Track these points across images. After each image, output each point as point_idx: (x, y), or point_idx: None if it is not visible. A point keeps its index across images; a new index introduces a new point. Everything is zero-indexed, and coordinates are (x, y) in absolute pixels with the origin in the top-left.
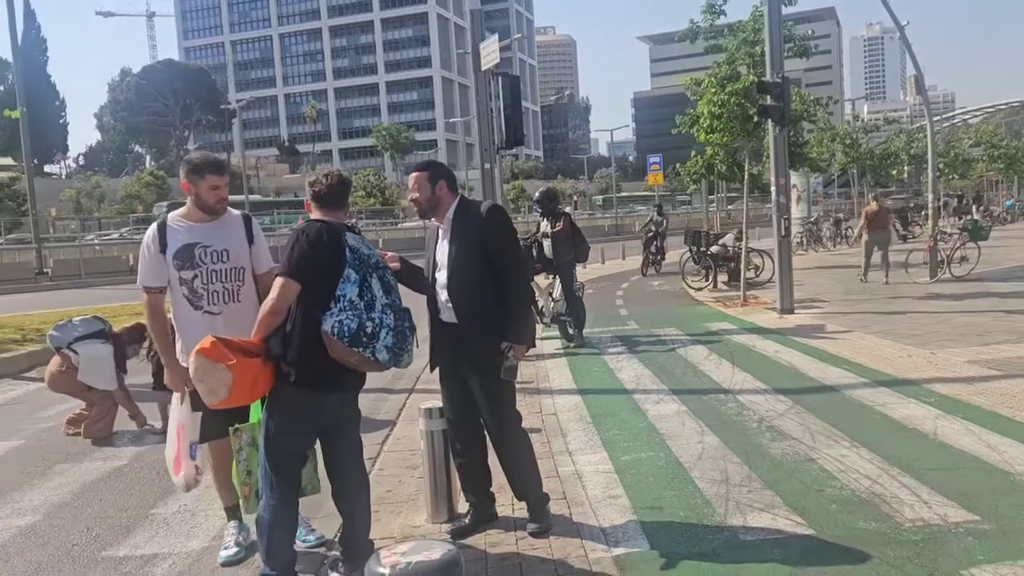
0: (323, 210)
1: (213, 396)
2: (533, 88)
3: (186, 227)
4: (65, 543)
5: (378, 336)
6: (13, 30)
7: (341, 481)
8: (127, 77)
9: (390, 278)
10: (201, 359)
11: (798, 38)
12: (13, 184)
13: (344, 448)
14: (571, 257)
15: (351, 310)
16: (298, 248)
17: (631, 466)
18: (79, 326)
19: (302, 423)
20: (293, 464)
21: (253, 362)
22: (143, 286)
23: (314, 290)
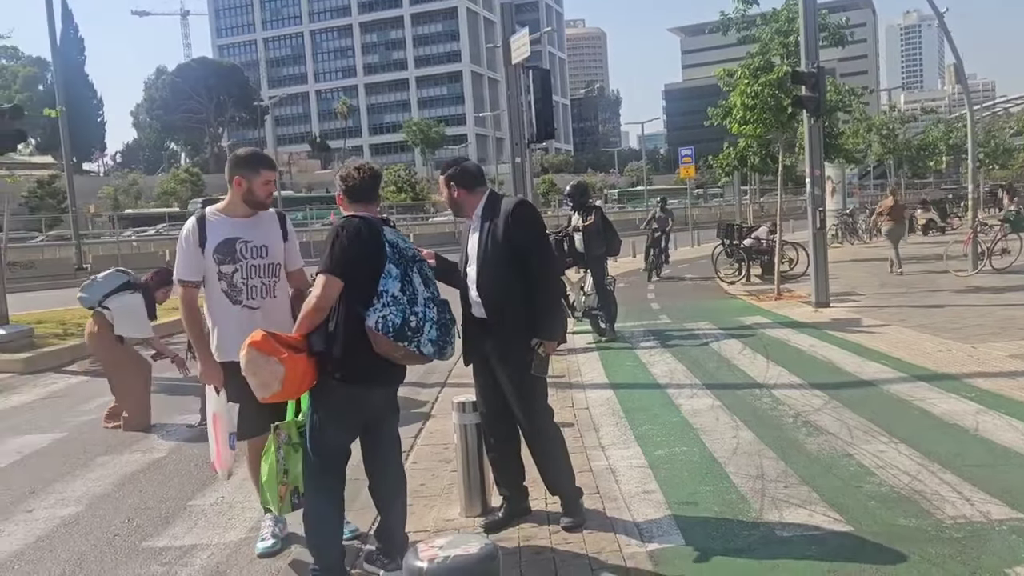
0: (356, 204)
1: (266, 390)
2: (563, 82)
3: (226, 222)
4: (107, 533)
5: (422, 330)
6: (52, 30)
7: (381, 475)
8: (162, 75)
9: (428, 271)
10: (254, 352)
11: (833, 27)
12: (53, 182)
13: (385, 442)
14: (602, 251)
15: (394, 305)
16: (339, 244)
17: (665, 461)
18: (103, 283)
19: (347, 418)
20: (338, 459)
21: (301, 357)
22: (180, 280)
23: (357, 286)
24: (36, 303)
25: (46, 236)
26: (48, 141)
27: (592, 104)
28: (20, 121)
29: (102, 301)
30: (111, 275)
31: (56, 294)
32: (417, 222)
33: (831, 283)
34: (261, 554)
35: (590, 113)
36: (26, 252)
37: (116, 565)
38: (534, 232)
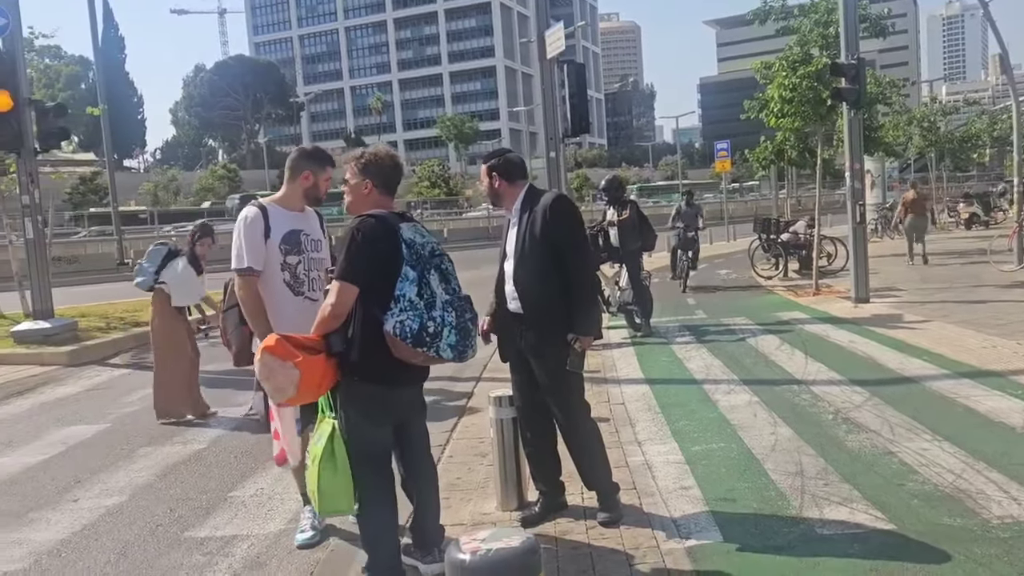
0: (380, 197)
1: (281, 394)
2: (597, 76)
3: (286, 214)
4: (150, 523)
5: (440, 335)
6: (94, 30)
7: (413, 471)
8: (200, 73)
9: (447, 265)
10: (268, 357)
11: (873, 18)
12: (95, 178)
13: (415, 439)
14: (638, 246)
15: (412, 310)
16: (354, 249)
17: (702, 457)
18: (148, 263)
19: (376, 414)
20: (381, 454)
21: (318, 359)
22: (246, 267)
23: (373, 290)
24: (80, 297)
25: (88, 232)
26: (90, 138)
27: (626, 98)
28: (64, 119)
29: (156, 279)
30: (153, 251)
31: (99, 288)
32: (451, 217)
33: (871, 278)
34: (300, 546)
35: (624, 107)
36: (70, 247)
37: (159, 554)
38: (571, 227)
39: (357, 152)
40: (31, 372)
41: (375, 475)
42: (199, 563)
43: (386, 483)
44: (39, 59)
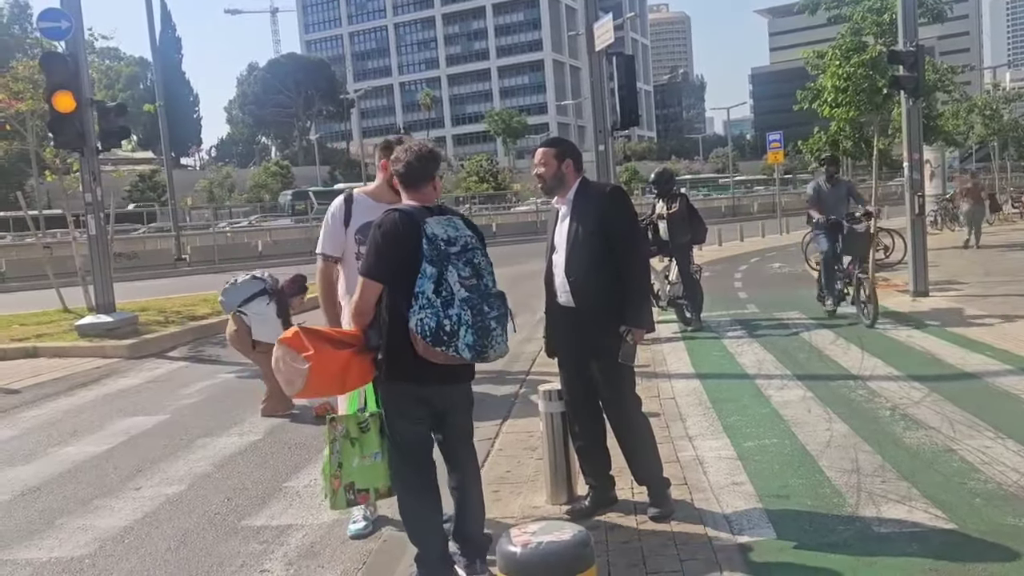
0: (408, 191)
1: (290, 387)
2: (646, 67)
3: (370, 205)
4: (208, 512)
5: (457, 334)
6: (152, 31)
7: (452, 469)
8: (253, 71)
9: (480, 260)
10: (281, 349)
11: (931, 2)
12: (153, 176)
13: (452, 436)
14: (688, 239)
15: (429, 307)
16: (374, 246)
17: (754, 452)
18: (240, 289)
19: (410, 410)
20: (418, 449)
21: (340, 354)
22: (321, 253)
23: (398, 286)
24: (139, 292)
25: (147, 228)
26: (148, 137)
27: (676, 90)
28: (124, 118)
29: (240, 306)
30: (248, 282)
31: (157, 283)
32: (499, 212)
33: (930, 271)
34: (353, 536)
35: (674, 99)
36: (130, 243)
37: (217, 542)
38: (628, 218)
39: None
40: (94, 364)
41: (413, 470)
42: (256, 551)
43: (425, 478)
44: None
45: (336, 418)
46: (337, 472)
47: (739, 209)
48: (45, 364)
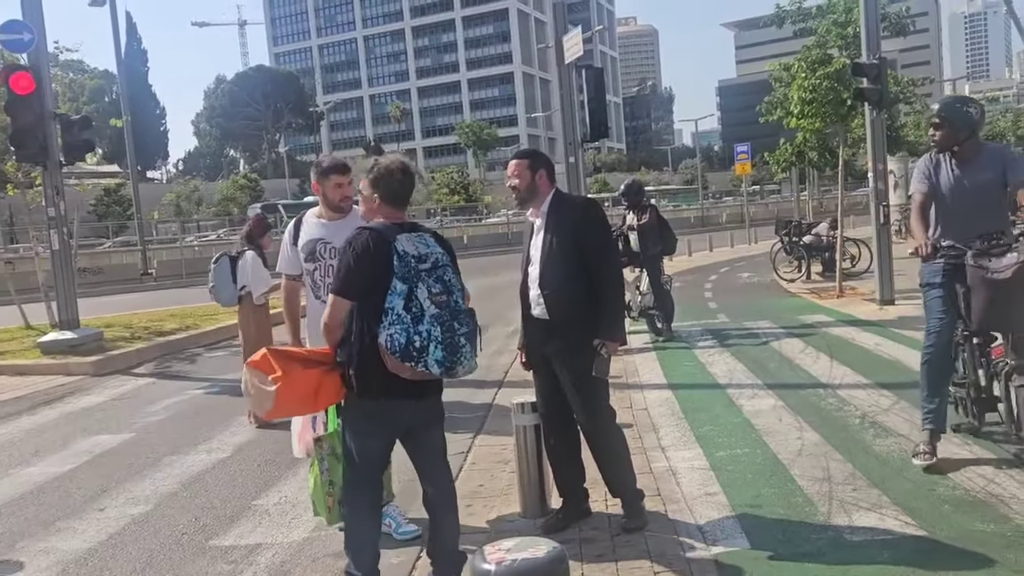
0: (395, 207)
1: (259, 409)
2: (615, 80)
3: (316, 224)
4: (175, 532)
5: (427, 350)
6: (117, 44)
7: (427, 485)
8: (221, 84)
9: (450, 277)
10: (248, 371)
11: (894, 16)
12: (119, 189)
13: (423, 451)
14: (658, 250)
15: (399, 323)
16: (344, 263)
17: (727, 462)
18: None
19: (372, 430)
20: (371, 470)
21: (309, 373)
22: (279, 271)
23: (368, 303)
24: (104, 307)
25: (112, 242)
26: (114, 150)
27: (644, 102)
28: (88, 132)
29: (239, 288)
30: (216, 268)
31: (123, 298)
32: (471, 224)
33: (896, 279)
34: (407, 539)
35: (642, 111)
36: (94, 258)
37: (184, 563)
38: (601, 231)
39: (370, 164)
40: (57, 382)
41: (364, 486)
42: (224, 572)
43: (374, 495)
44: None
45: (321, 438)
46: (330, 490)
47: (708, 220)
48: (6, 382)
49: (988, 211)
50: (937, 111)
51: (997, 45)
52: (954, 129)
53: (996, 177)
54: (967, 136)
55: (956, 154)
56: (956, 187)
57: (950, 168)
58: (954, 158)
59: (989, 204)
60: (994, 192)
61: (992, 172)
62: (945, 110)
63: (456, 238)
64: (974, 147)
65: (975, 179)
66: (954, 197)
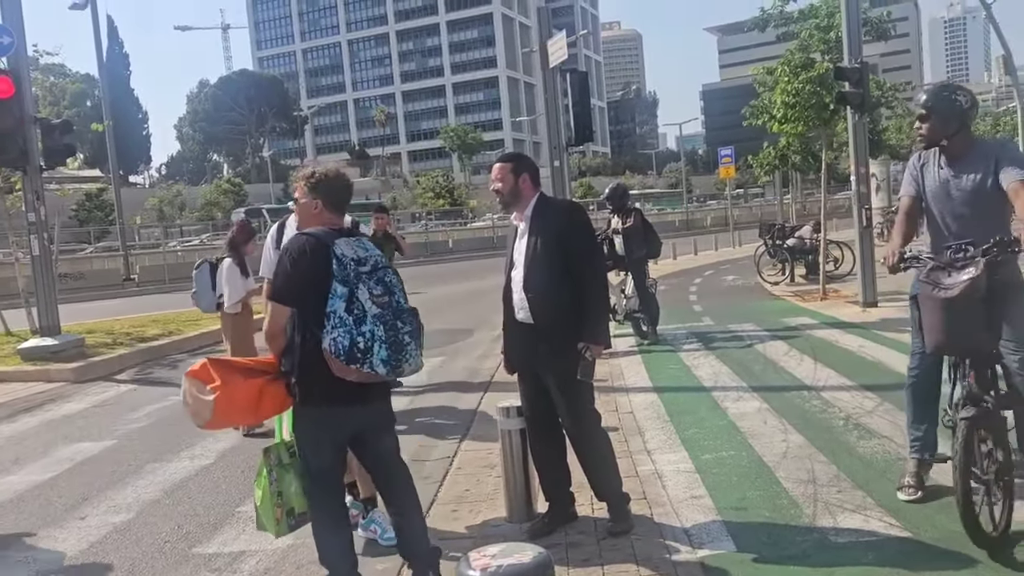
0: (335, 212)
1: (198, 418)
2: (599, 84)
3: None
4: (157, 540)
5: (371, 350)
6: (99, 48)
7: (385, 492)
8: (204, 88)
9: (391, 278)
10: (187, 381)
11: (875, 20)
12: (101, 194)
13: (381, 459)
14: (643, 253)
15: (342, 326)
16: (282, 269)
17: (713, 465)
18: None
19: (321, 438)
20: (329, 479)
21: (251, 382)
22: (263, 276)
23: (307, 309)
24: (86, 313)
25: (95, 248)
26: (96, 155)
27: (629, 106)
28: (69, 136)
29: (218, 298)
30: (197, 275)
31: (105, 304)
32: (456, 227)
33: (879, 282)
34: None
35: (627, 115)
36: (76, 264)
37: (167, 571)
38: (586, 235)
39: (307, 171)
40: (38, 389)
41: (324, 494)
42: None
43: (336, 501)
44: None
45: (269, 448)
46: (279, 501)
47: (693, 223)
48: None
49: (983, 215)
50: (923, 101)
51: (976, 49)
52: (942, 121)
53: (988, 175)
54: (956, 129)
55: (945, 150)
56: (944, 188)
57: (938, 167)
58: (943, 155)
59: (984, 207)
60: (990, 193)
61: (984, 170)
62: (932, 99)
63: (441, 242)
64: (965, 142)
65: (966, 179)
66: (942, 200)
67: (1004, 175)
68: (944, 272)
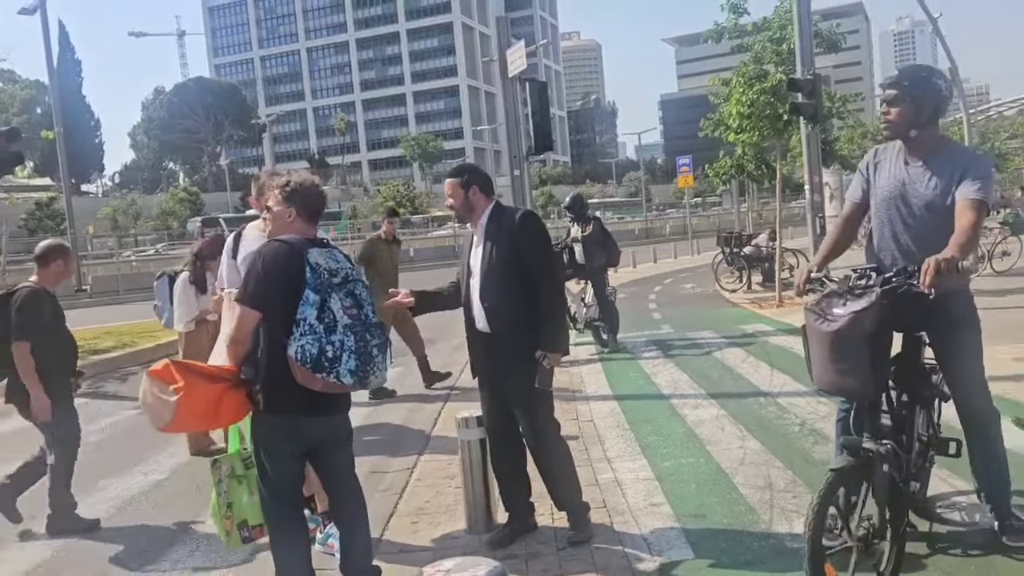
0: (309, 221)
1: (159, 420)
2: (559, 93)
3: (259, 237)
4: (107, 559)
5: (340, 360)
6: (49, 53)
7: (335, 502)
8: (160, 95)
9: (361, 291)
10: (147, 381)
11: (826, 33)
12: (52, 203)
13: (332, 470)
14: (603, 261)
15: (311, 334)
16: (254, 274)
17: (671, 472)
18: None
19: (282, 448)
20: (290, 491)
21: (212, 387)
22: (220, 287)
23: (276, 315)
24: None
25: None
26: (46, 163)
27: (589, 115)
28: (17, 143)
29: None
30: (158, 287)
31: None
32: (417, 237)
33: None
34: None
35: (587, 124)
36: (26, 274)
37: None
38: (539, 243)
39: (282, 180)
40: None
41: (283, 506)
42: None
43: (294, 513)
44: None
45: (220, 459)
46: (228, 513)
47: (652, 232)
48: None
49: (939, 231)
50: (895, 80)
51: (925, 62)
52: (915, 107)
53: (951, 187)
54: (929, 119)
55: (911, 144)
56: (899, 191)
57: (898, 164)
58: (907, 149)
59: (940, 223)
60: (949, 209)
61: (948, 179)
62: (907, 79)
63: (403, 251)
64: (934, 138)
65: (927, 183)
66: (894, 204)
67: (960, 189)
68: (840, 300)
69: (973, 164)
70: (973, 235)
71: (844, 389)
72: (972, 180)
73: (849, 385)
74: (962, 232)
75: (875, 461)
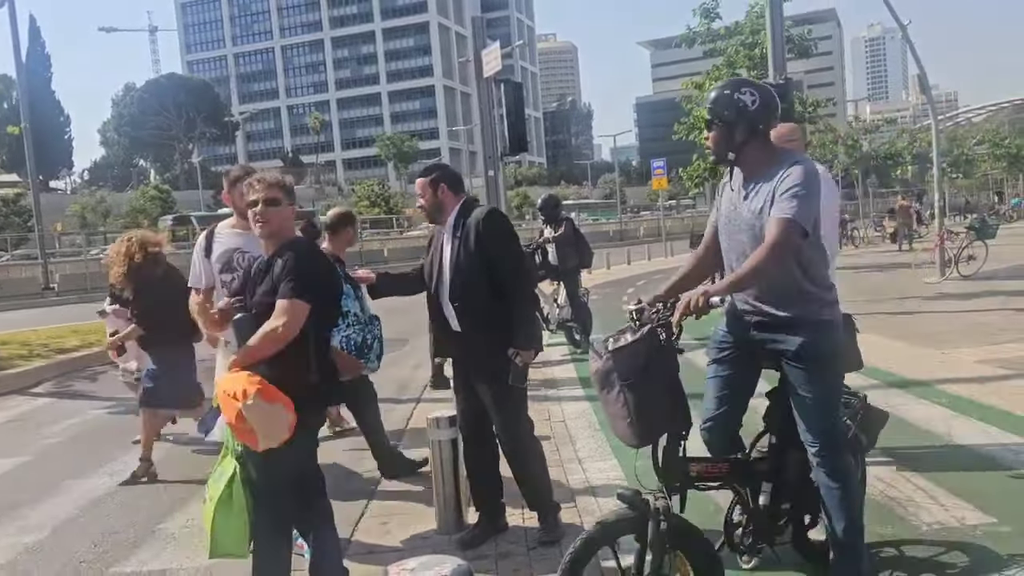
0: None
1: (273, 440)
2: (535, 95)
3: (231, 234)
4: (72, 560)
5: (373, 347)
6: (17, 47)
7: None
8: (131, 92)
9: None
10: (259, 403)
11: (797, 38)
12: (19, 200)
13: None
14: (575, 263)
15: (357, 324)
16: (302, 267)
17: (642, 473)
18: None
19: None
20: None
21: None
22: (191, 287)
23: (322, 308)
24: (1, 324)
25: (12, 256)
26: (13, 159)
27: (564, 117)
28: None
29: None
30: None
31: (22, 314)
32: (391, 237)
33: None
34: None
35: (563, 126)
36: None
37: None
38: (505, 240)
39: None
40: None
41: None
42: None
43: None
44: None
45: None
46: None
47: (627, 234)
48: None
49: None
50: (708, 102)
51: (895, 68)
52: (726, 128)
53: (767, 206)
54: (745, 138)
55: (737, 166)
56: (730, 215)
57: (730, 187)
58: (736, 171)
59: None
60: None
61: (766, 198)
62: (713, 100)
63: (376, 251)
64: (758, 156)
65: (749, 206)
66: (728, 231)
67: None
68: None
69: (784, 178)
70: (760, 265)
71: (617, 433)
72: (780, 196)
73: (617, 430)
74: (752, 258)
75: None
